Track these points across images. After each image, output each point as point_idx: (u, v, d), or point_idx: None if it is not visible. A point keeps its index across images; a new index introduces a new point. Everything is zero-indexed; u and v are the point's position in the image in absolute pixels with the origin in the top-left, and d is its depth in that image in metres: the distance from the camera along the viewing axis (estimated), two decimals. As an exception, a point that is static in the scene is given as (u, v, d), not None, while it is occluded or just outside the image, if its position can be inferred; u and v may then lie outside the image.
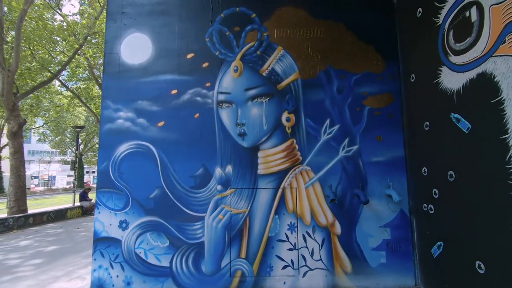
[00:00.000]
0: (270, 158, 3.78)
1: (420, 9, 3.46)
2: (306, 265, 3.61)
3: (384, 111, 3.87)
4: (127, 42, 4.04)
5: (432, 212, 3.29)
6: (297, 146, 3.80)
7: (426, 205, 3.39)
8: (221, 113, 3.86)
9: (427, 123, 3.35)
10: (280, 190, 3.72)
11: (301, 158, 3.79)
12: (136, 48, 4.02)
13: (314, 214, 3.69)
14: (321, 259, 3.61)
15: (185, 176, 3.76)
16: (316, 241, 3.64)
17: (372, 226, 3.67)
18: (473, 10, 2.62)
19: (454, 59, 2.87)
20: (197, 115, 3.86)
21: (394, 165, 3.76)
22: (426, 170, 3.39)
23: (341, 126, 3.83)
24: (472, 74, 2.63)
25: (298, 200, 3.71)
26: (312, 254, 3.62)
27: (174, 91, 3.90)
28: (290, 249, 3.63)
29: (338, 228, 3.67)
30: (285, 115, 3.85)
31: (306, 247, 3.63)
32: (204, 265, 3.61)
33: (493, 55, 2.40)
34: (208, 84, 3.91)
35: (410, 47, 3.71)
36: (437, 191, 3.19)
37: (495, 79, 2.37)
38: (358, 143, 3.81)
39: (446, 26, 2.98)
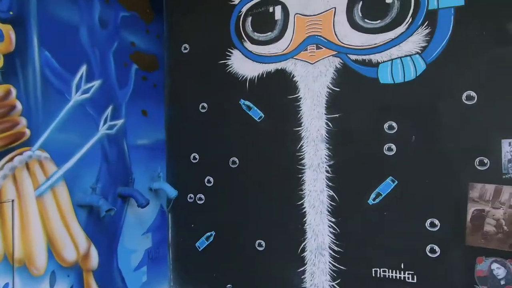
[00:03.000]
0: None
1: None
2: None
3: (150, 78, 2.88)
4: None
5: (201, 202, 3.00)
6: (19, 105, 1.65)
7: (192, 196, 3.02)
8: None
9: (205, 104, 3.00)
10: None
11: (28, 132, 1.69)
12: None
13: (54, 248, 1.82)
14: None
15: None
16: (56, 300, 1.82)
17: (135, 237, 2.56)
18: (278, 9, 2.79)
19: (251, 46, 2.86)
20: None
21: (159, 150, 2.94)
22: (197, 156, 3.02)
23: (104, 83, 2.27)
24: (271, 67, 2.79)
25: (17, 227, 1.61)
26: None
27: None
28: None
29: (94, 259, 2.11)
30: (-13, 21, 1.51)
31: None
32: None
33: (295, 57, 2.73)
34: None
35: (185, 10, 3.10)
36: (211, 179, 2.97)
37: (294, 79, 2.72)
38: (123, 116, 2.48)
39: (244, 10, 2.89)
